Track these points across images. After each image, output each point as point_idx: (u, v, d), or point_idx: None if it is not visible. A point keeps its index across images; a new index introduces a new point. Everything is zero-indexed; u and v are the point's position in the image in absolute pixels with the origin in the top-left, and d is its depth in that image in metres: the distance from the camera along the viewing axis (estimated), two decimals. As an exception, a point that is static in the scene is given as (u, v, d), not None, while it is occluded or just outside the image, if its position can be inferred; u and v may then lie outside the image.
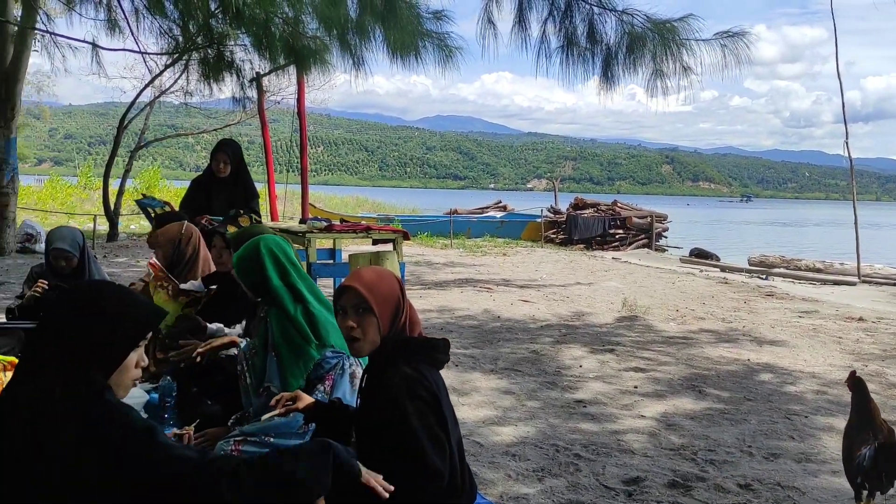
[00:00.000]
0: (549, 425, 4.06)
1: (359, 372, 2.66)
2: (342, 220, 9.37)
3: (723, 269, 14.47)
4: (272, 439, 2.88)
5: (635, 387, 4.89)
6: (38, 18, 10.17)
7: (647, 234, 19.55)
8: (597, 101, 7.98)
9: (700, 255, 16.85)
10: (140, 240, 14.92)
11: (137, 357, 1.77)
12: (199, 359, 3.19)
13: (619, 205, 20.66)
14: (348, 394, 2.66)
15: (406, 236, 8.00)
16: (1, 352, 4.30)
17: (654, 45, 7.23)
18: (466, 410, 4.26)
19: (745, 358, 5.81)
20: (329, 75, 10.51)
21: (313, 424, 2.65)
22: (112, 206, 14.89)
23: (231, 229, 5.61)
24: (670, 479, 3.33)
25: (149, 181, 24.03)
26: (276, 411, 2.41)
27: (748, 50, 6.92)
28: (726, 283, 11.25)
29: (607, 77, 7.54)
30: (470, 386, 4.81)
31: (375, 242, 8.31)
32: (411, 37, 7.27)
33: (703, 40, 7.11)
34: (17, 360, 4.05)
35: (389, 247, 8.37)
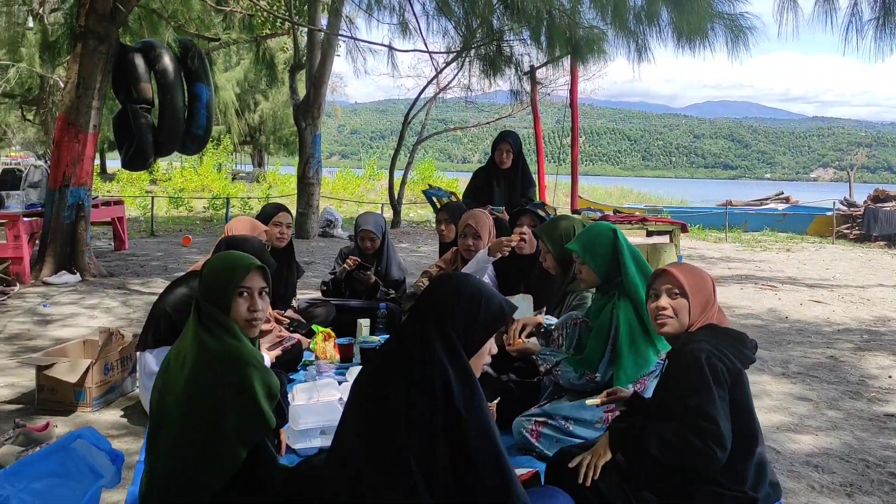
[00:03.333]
0: (855, 438, 3.68)
1: None
2: (615, 211, 9.25)
3: None
4: (572, 427, 2.95)
5: (963, 406, 4.24)
6: (343, 25, 11.35)
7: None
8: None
9: None
10: (419, 227, 16.07)
11: (489, 346, 1.96)
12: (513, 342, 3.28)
13: (930, 197, 17.91)
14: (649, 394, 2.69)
15: (684, 228, 7.71)
16: (317, 321, 4.92)
17: None
18: (757, 414, 4.00)
19: None
20: (604, 64, 10.43)
21: (600, 414, 2.70)
22: (395, 196, 16.17)
23: (551, 211, 5.80)
24: None
25: (424, 172, 25.71)
26: (599, 399, 2.52)
27: None
28: None
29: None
30: (759, 389, 4.51)
31: (650, 234, 8.13)
32: (702, 19, 6.94)
33: None
34: (332, 331, 4.60)
35: (665, 239, 8.14)
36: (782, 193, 23.65)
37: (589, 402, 2.69)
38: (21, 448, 3.00)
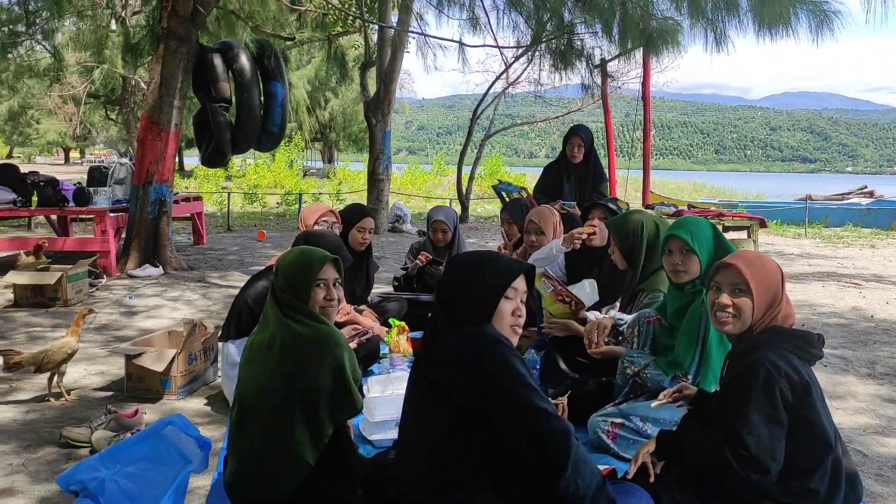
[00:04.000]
0: (949, 444, 3.51)
1: None
2: (690, 206, 9.04)
3: None
4: (649, 429, 2.91)
5: None
6: (413, 22, 11.43)
7: None
8: None
9: None
10: (487, 222, 16.07)
11: (513, 307, 2.04)
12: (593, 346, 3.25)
13: None
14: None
15: (763, 223, 7.49)
16: (390, 316, 4.99)
17: None
18: (842, 416, 3.86)
19: None
20: (677, 56, 10.19)
21: (680, 414, 2.65)
22: (464, 191, 16.20)
23: (623, 205, 5.76)
24: None
25: (492, 168, 25.65)
26: (665, 400, 2.46)
27: None
28: None
29: None
30: (844, 390, 4.35)
31: (727, 230, 7.90)
32: (785, 5, 6.70)
33: None
34: (405, 324, 4.66)
35: (743, 235, 7.91)
36: (866, 187, 22.64)
37: (654, 404, 2.62)
38: (113, 433, 3.15)
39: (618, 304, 3.70)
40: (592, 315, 3.69)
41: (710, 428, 2.22)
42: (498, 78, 15.81)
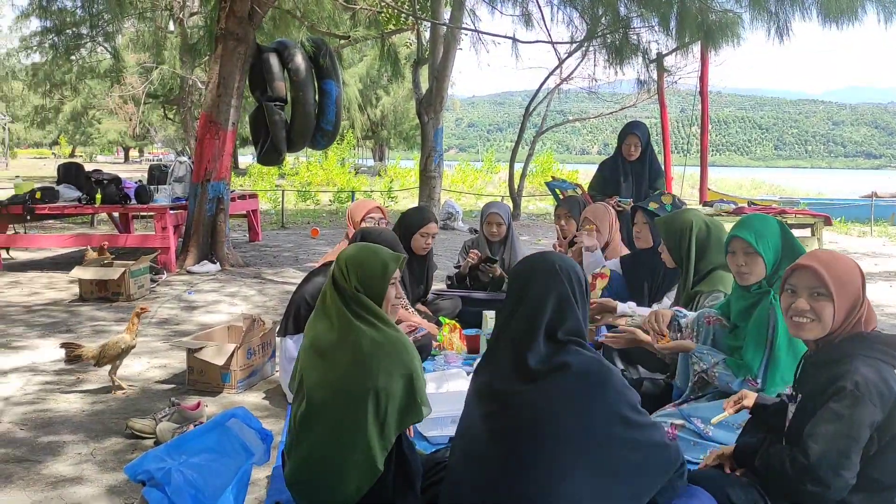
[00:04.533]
0: None
1: None
2: (750, 203, 8.81)
3: None
4: (711, 431, 2.84)
5: None
6: (466, 19, 11.40)
7: None
8: None
9: None
10: (539, 219, 15.96)
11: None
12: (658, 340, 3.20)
13: None
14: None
15: (827, 221, 7.23)
16: (444, 314, 4.99)
17: None
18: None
19: None
20: (736, 49, 9.95)
21: (743, 416, 2.59)
22: (515, 188, 16.11)
23: (667, 200, 5.66)
24: None
25: (543, 164, 25.46)
26: (727, 412, 2.40)
27: None
28: None
29: None
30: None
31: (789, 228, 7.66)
32: (851, -1, 6.49)
33: None
34: (457, 322, 4.65)
35: (807, 233, 7.67)
36: (935, 184, 21.78)
37: (714, 420, 2.57)
38: (176, 425, 3.22)
39: (667, 303, 3.64)
40: (626, 307, 3.65)
41: (775, 434, 2.16)
42: (551, 74, 15.67)
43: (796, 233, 7.19)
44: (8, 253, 8.53)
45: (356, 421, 2.22)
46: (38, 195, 7.95)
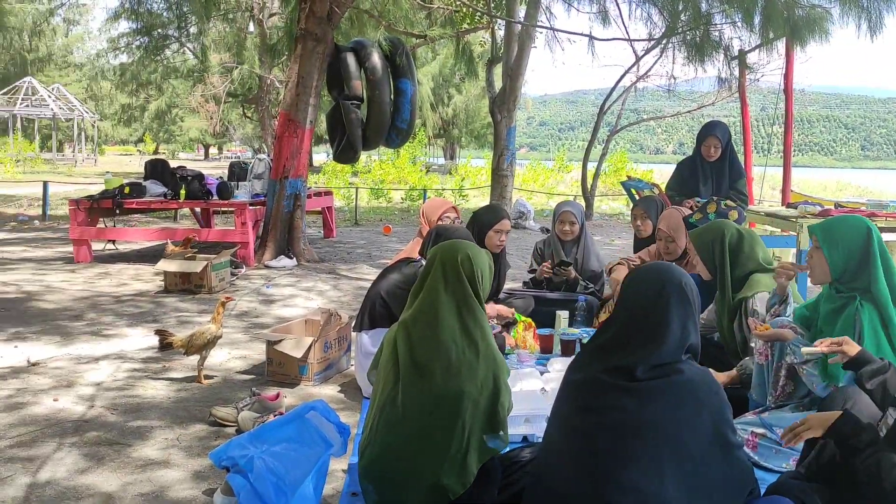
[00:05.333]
0: None
1: None
2: (837, 205, 8.44)
3: None
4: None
5: None
6: (542, 16, 11.31)
7: None
8: None
9: None
10: (613, 219, 15.73)
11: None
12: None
13: None
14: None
15: (922, 225, 6.85)
16: (516, 312, 4.97)
17: None
18: None
19: None
20: (823, 45, 9.56)
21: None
22: (588, 187, 15.93)
23: (712, 208, 5.54)
24: None
25: (617, 164, 25.07)
26: (821, 348, 2.35)
27: None
28: None
29: None
30: None
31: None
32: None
33: None
34: (531, 320, 4.63)
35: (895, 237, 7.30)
36: None
37: (805, 350, 2.58)
38: (257, 415, 3.31)
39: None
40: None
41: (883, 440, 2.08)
42: (627, 72, 15.41)
43: (887, 237, 6.86)
44: (114, 244, 9.00)
45: (449, 428, 2.27)
46: (126, 190, 8.30)
